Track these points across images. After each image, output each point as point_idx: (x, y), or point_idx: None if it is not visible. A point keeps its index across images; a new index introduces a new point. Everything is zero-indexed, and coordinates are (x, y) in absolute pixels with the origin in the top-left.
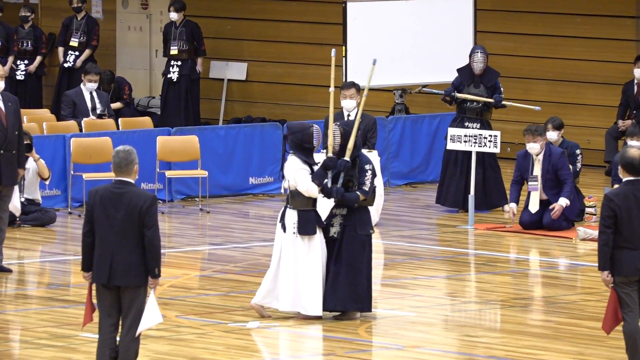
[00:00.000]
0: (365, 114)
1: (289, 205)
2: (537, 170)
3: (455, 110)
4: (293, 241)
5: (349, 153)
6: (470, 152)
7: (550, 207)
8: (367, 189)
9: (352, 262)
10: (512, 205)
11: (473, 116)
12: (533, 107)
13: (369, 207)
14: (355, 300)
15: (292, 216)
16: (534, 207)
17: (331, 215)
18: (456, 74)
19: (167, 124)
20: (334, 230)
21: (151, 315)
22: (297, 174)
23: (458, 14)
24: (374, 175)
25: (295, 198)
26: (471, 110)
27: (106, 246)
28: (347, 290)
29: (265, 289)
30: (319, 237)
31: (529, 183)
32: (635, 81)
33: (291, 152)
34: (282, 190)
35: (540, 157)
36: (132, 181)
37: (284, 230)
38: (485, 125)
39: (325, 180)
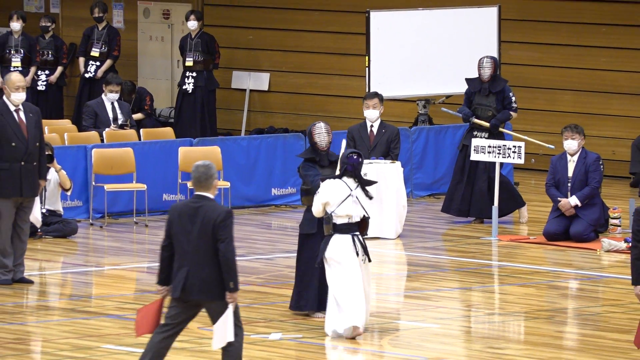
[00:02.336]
0: (388, 124)
1: (364, 233)
2: (571, 172)
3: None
4: (359, 264)
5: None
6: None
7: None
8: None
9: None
10: (565, 199)
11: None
12: (544, 143)
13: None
14: None
15: (362, 244)
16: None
17: None
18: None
19: (181, 135)
20: None
21: (223, 333)
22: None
23: (482, 23)
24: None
25: (366, 224)
26: (473, 121)
27: (183, 260)
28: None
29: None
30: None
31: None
32: None
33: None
34: (355, 219)
35: (575, 157)
36: (211, 196)
37: (358, 255)
38: (495, 135)
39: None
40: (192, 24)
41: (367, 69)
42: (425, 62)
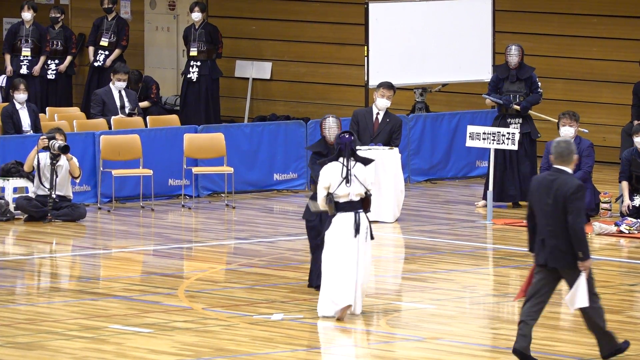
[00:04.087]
0: (393, 114)
1: (367, 210)
2: None
3: (494, 107)
4: (357, 244)
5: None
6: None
7: None
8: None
9: None
10: None
11: (514, 112)
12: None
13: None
14: None
15: (365, 221)
16: None
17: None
18: (477, 73)
19: (186, 122)
20: None
21: (578, 297)
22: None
23: (477, 14)
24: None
25: (369, 202)
26: (512, 107)
27: (540, 230)
28: None
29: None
30: None
31: None
32: None
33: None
34: (355, 197)
35: None
36: (569, 170)
37: (356, 235)
38: (528, 120)
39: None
40: (196, 15)
41: (365, 58)
42: (422, 52)
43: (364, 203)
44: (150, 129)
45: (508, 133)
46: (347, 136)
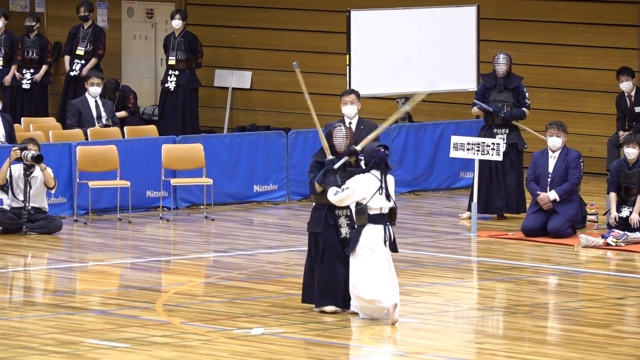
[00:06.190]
0: (366, 120)
1: (393, 223)
2: (551, 168)
3: (481, 117)
4: (388, 253)
5: (364, 143)
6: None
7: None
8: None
9: None
10: (544, 193)
11: (501, 122)
12: (540, 135)
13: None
14: None
15: (392, 233)
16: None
17: (335, 216)
18: (461, 83)
19: (164, 132)
20: (345, 232)
21: None
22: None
23: (461, 22)
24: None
25: (395, 214)
26: (501, 117)
27: None
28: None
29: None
30: None
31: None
32: (626, 94)
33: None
34: (385, 210)
35: (557, 154)
36: None
37: (386, 245)
38: (515, 131)
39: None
40: (177, 23)
41: (347, 67)
42: (405, 61)
43: (390, 216)
44: (127, 139)
45: (492, 143)
46: (382, 150)
